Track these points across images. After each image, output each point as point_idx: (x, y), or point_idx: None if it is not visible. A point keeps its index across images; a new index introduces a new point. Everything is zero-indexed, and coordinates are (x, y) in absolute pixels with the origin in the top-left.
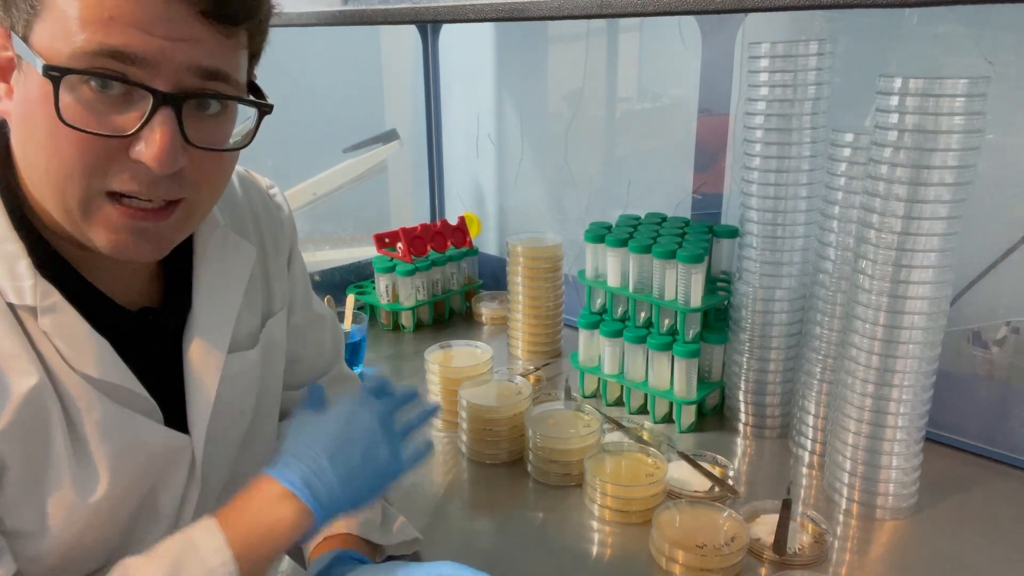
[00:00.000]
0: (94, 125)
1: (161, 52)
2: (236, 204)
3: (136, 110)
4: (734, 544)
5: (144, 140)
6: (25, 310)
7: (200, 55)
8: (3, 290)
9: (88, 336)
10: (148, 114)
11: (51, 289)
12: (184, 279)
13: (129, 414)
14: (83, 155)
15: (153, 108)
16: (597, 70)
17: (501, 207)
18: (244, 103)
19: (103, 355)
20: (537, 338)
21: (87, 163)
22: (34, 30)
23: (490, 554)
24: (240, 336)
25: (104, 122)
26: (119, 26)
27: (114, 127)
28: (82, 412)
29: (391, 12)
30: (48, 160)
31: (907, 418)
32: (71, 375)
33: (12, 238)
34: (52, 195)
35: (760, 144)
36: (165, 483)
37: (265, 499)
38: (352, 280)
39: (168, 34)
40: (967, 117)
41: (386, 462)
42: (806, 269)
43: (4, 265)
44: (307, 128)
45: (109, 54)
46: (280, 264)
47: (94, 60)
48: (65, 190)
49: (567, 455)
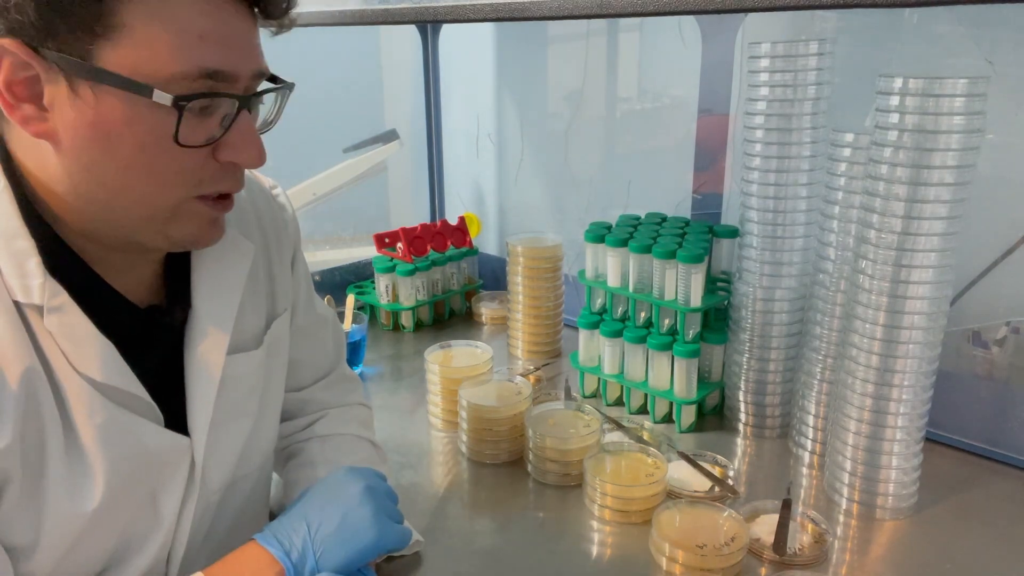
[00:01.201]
0: (193, 139)
1: (243, 63)
2: (239, 204)
3: (215, 115)
4: (734, 544)
5: (229, 144)
6: (32, 309)
7: (259, 62)
8: (11, 288)
9: (94, 338)
10: (233, 118)
11: (60, 289)
12: (185, 277)
13: (130, 417)
14: (183, 168)
15: (236, 112)
16: (597, 70)
17: (501, 207)
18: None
19: (107, 358)
20: (537, 338)
21: (187, 174)
22: (101, 54)
23: (490, 554)
24: (245, 337)
25: (200, 134)
26: (210, 45)
27: (206, 135)
28: (83, 416)
29: (391, 12)
30: (135, 177)
31: (907, 418)
32: (74, 377)
33: (23, 235)
34: (132, 206)
35: (760, 144)
36: (165, 486)
37: (245, 559)
38: (352, 280)
39: (242, 45)
40: (967, 117)
41: (366, 528)
42: (806, 269)
43: (13, 262)
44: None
45: (207, 74)
46: (284, 265)
47: (194, 83)
48: (156, 202)
49: (567, 455)
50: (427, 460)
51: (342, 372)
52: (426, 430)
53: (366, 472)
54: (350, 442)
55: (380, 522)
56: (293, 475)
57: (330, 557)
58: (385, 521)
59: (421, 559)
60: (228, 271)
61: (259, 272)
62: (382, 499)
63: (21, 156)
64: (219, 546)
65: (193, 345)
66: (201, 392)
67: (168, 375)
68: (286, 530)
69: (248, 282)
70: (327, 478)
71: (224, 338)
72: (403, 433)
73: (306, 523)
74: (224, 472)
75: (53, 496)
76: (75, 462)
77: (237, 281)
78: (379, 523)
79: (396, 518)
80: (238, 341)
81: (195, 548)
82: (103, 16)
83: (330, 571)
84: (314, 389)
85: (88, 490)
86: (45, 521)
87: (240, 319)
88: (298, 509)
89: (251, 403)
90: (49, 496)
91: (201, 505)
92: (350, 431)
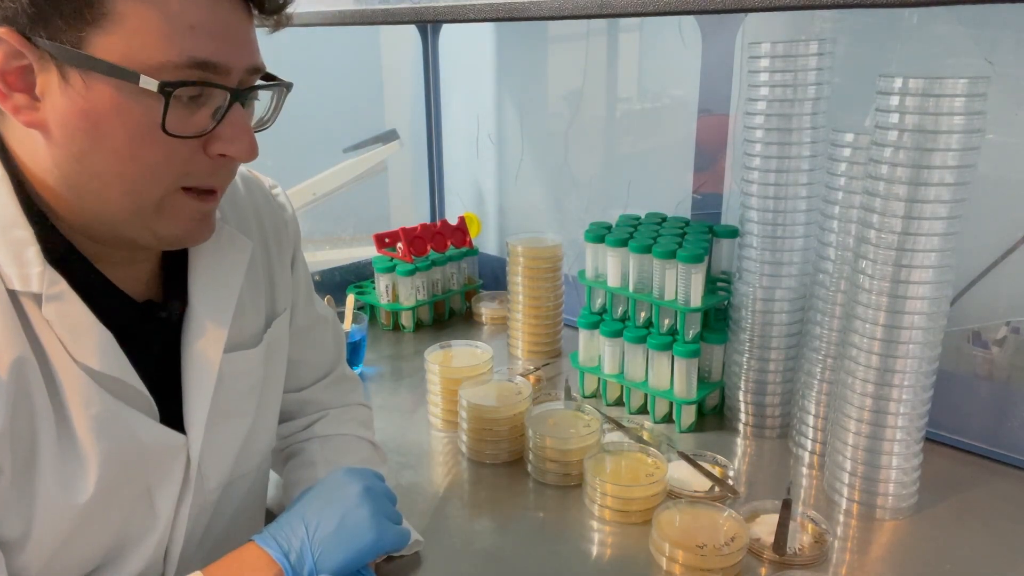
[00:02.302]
0: (181, 129)
1: (233, 56)
2: (239, 203)
3: (207, 108)
4: (734, 544)
5: (221, 137)
6: (29, 297)
7: (254, 56)
8: (7, 277)
9: (92, 327)
10: (225, 111)
11: (58, 278)
12: (183, 273)
13: (125, 410)
14: (171, 159)
15: (228, 105)
16: (597, 70)
17: (501, 207)
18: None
19: (105, 346)
20: (537, 338)
21: (174, 165)
22: (92, 42)
23: (490, 554)
24: (244, 335)
25: (189, 124)
26: (202, 35)
27: (197, 127)
28: (77, 406)
29: (391, 12)
30: (124, 166)
31: (907, 418)
32: (71, 367)
33: (22, 224)
34: (120, 198)
35: (760, 144)
36: (160, 483)
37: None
38: (352, 280)
39: (235, 37)
40: (967, 117)
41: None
42: (806, 269)
43: (10, 251)
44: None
45: (197, 64)
46: (284, 264)
47: (183, 72)
48: (143, 193)
49: (567, 455)
50: (427, 460)
51: (342, 372)
52: (426, 430)
53: (364, 473)
54: (350, 443)
55: (378, 523)
56: (293, 475)
57: (328, 558)
58: (383, 522)
59: (421, 559)
60: (226, 267)
61: (259, 271)
62: (380, 500)
63: (16, 148)
64: (216, 546)
65: (190, 341)
66: (198, 389)
67: (165, 372)
68: (284, 531)
69: (247, 281)
70: (325, 479)
71: (221, 335)
72: (403, 433)
73: (304, 524)
74: (221, 471)
75: (44, 487)
76: (67, 453)
77: (235, 277)
78: (377, 524)
79: (394, 519)
80: (237, 339)
81: (192, 547)
82: (94, 4)
83: (328, 572)
84: (314, 389)
85: (80, 481)
86: (37, 512)
87: (239, 317)
88: (296, 510)
89: (249, 402)
90: (40, 487)
91: (198, 504)
92: (350, 431)
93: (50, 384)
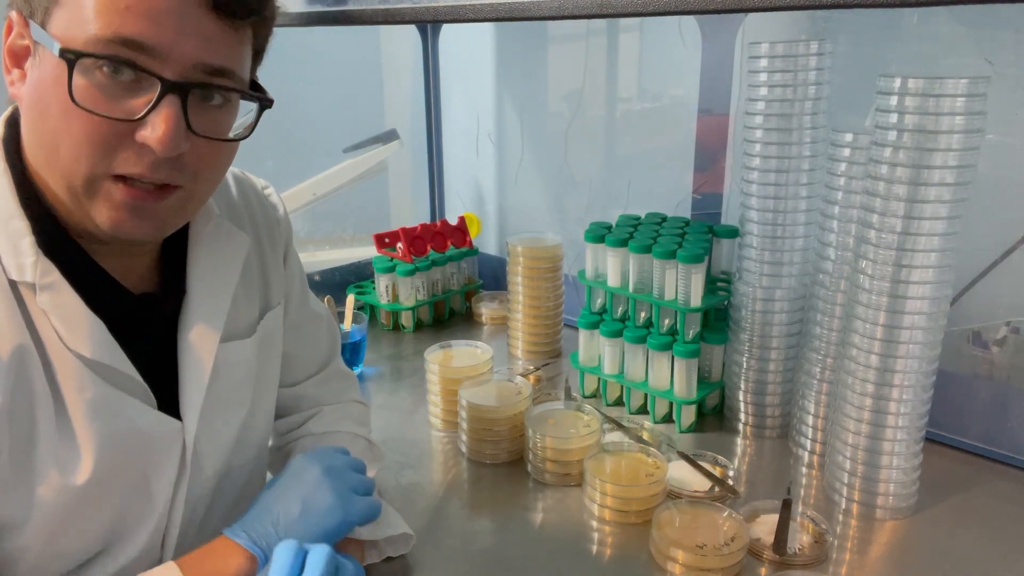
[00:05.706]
0: (104, 108)
1: (171, 43)
2: (232, 203)
3: (144, 97)
4: (734, 544)
5: (150, 124)
6: (26, 287)
7: (207, 53)
8: (7, 267)
9: (84, 316)
10: (155, 100)
11: (51, 268)
12: (181, 267)
13: (120, 396)
14: (92, 136)
15: (160, 95)
16: (597, 70)
17: (501, 207)
18: (246, 97)
19: (98, 335)
20: (537, 338)
21: (96, 144)
22: (52, 17)
23: (490, 554)
24: (239, 326)
25: (114, 106)
26: (134, 16)
27: (123, 111)
28: (72, 392)
29: (391, 12)
30: (58, 141)
31: (907, 418)
32: (65, 354)
33: (19, 215)
34: (59, 175)
35: (760, 144)
36: (157, 469)
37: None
38: (352, 280)
39: (178, 26)
40: (967, 117)
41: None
42: (806, 269)
43: (9, 242)
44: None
45: (122, 42)
46: (276, 259)
47: (108, 47)
48: (72, 170)
49: (567, 455)
50: (427, 460)
51: (337, 369)
52: (426, 430)
53: (323, 453)
54: (344, 439)
55: (344, 499)
56: None
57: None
58: (349, 497)
59: (420, 559)
60: (224, 261)
61: (252, 266)
62: (343, 476)
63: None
64: (213, 536)
65: (186, 331)
66: (193, 377)
67: (162, 361)
68: (252, 522)
69: (241, 274)
70: (285, 468)
71: (218, 325)
72: (403, 433)
73: (270, 514)
74: (218, 460)
75: (43, 468)
76: (65, 435)
77: (232, 271)
78: (343, 500)
79: (362, 490)
80: (231, 329)
81: (190, 536)
82: None
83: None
84: (307, 385)
85: (77, 463)
86: (35, 493)
87: (233, 309)
88: (261, 502)
89: (244, 392)
90: (39, 468)
91: (195, 492)
92: (345, 428)
93: (48, 371)
